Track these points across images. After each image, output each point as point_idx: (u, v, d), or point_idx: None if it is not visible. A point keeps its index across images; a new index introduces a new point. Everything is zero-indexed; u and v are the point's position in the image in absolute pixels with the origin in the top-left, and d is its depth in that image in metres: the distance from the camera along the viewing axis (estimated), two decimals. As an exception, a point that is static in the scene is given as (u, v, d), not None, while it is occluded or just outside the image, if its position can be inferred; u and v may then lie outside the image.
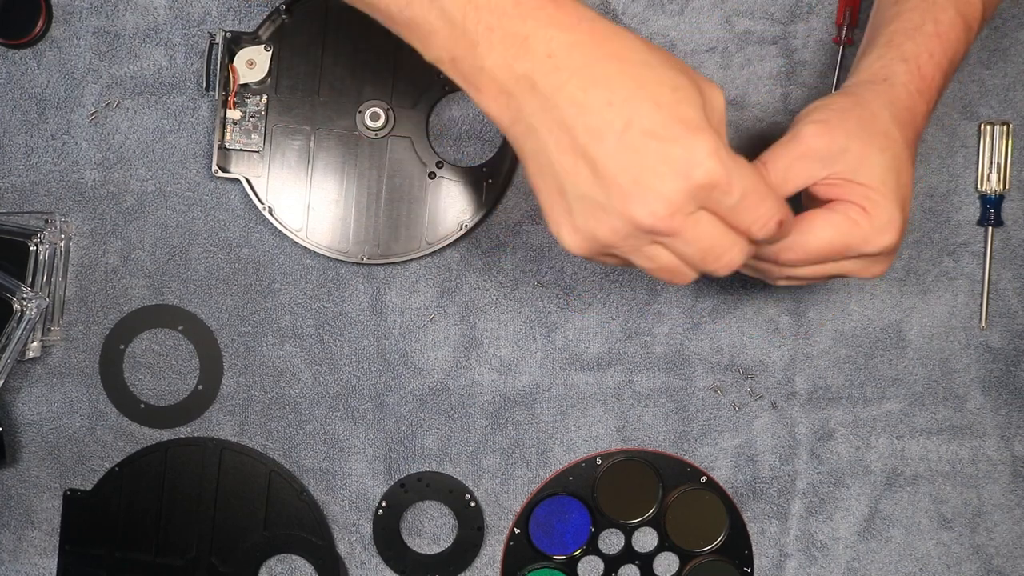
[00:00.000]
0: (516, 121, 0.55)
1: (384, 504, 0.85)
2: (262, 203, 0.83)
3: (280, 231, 0.83)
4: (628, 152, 0.52)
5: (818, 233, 0.63)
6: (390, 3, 0.56)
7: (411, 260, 0.84)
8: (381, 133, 0.83)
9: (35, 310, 0.80)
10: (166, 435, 0.85)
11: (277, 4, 0.82)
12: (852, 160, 0.63)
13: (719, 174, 0.53)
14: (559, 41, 0.53)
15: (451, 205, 0.83)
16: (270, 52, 0.82)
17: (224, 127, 0.82)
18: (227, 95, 0.82)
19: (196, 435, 0.85)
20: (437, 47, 0.56)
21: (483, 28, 0.53)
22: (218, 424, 0.85)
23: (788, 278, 0.68)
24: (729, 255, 0.57)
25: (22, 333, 0.80)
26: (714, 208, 0.55)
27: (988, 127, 0.85)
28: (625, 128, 0.52)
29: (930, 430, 0.86)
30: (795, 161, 0.63)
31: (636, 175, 0.53)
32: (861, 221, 0.63)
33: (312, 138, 0.83)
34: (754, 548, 0.86)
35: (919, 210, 0.85)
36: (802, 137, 0.63)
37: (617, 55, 0.53)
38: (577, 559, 0.86)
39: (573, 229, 0.56)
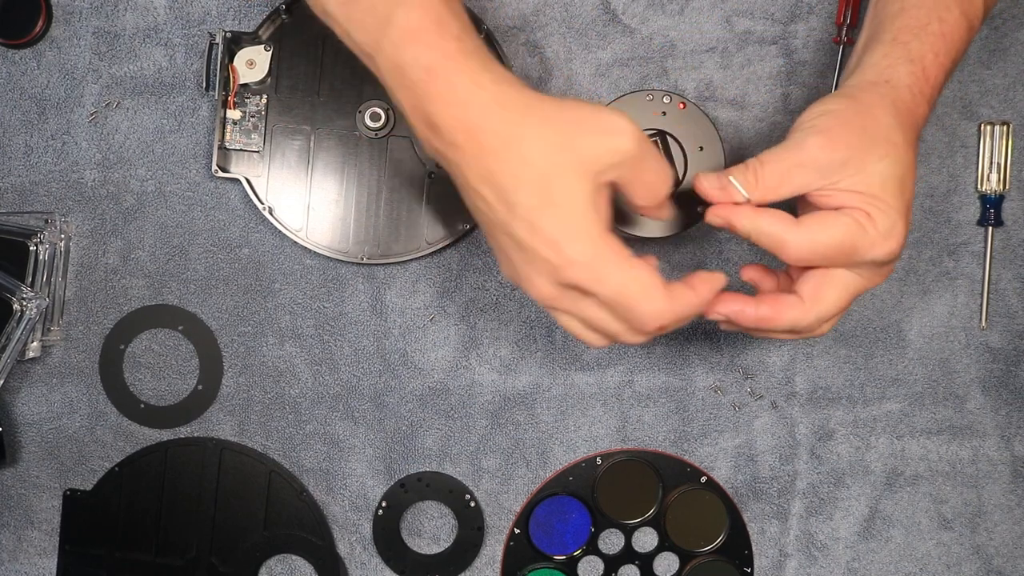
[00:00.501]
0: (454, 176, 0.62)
1: (384, 504, 0.85)
2: (262, 203, 0.83)
3: (280, 231, 0.83)
4: (518, 248, 0.60)
5: (828, 231, 0.63)
6: (357, 50, 0.63)
7: (411, 260, 0.84)
8: (381, 133, 0.83)
9: (35, 310, 0.80)
10: (166, 435, 0.85)
11: (277, 4, 0.82)
12: (852, 170, 0.63)
13: (586, 280, 0.59)
14: (463, 135, 0.58)
15: (451, 205, 0.83)
16: (270, 52, 0.82)
17: (224, 127, 0.82)
18: (227, 95, 0.82)
19: (196, 435, 0.85)
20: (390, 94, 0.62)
21: (407, 106, 0.60)
22: (218, 424, 0.85)
23: (813, 325, 0.68)
24: (626, 333, 0.63)
25: (22, 333, 0.80)
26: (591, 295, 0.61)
27: (988, 127, 0.85)
28: (520, 230, 0.59)
29: (930, 430, 0.86)
30: (793, 168, 0.64)
31: (525, 265, 0.60)
32: (867, 226, 0.63)
33: (312, 138, 0.83)
34: (754, 548, 0.86)
35: (919, 210, 0.85)
36: (804, 147, 0.64)
37: (521, 157, 0.58)
38: (577, 559, 0.86)
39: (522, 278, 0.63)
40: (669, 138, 0.78)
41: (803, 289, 0.66)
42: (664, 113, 0.78)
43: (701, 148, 0.79)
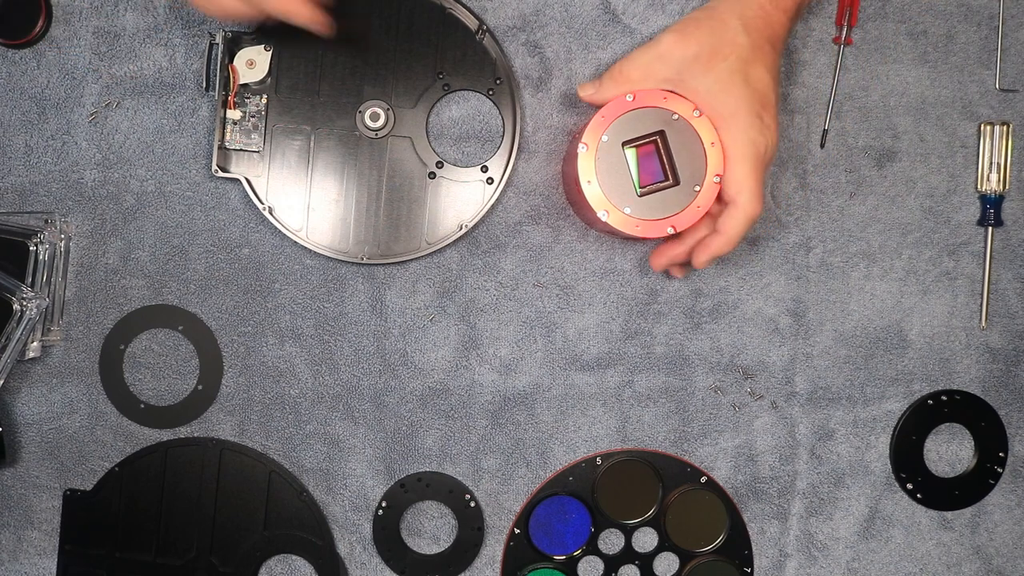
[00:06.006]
0: None
1: (384, 504, 0.85)
2: (262, 203, 0.83)
3: (280, 231, 0.83)
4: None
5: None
6: None
7: (411, 260, 0.84)
8: (381, 133, 0.83)
9: (35, 310, 0.80)
10: (166, 435, 0.85)
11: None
12: (701, 68, 0.74)
13: None
14: None
15: (451, 205, 0.83)
16: (270, 52, 0.82)
17: (224, 127, 0.82)
18: (227, 95, 0.82)
19: (196, 435, 0.85)
20: None
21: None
22: (218, 424, 0.85)
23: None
24: None
25: (22, 333, 0.80)
26: None
27: (988, 127, 0.85)
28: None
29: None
30: (652, 62, 0.75)
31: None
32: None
33: (312, 138, 0.83)
34: (754, 548, 0.86)
35: (919, 210, 0.86)
36: (661, 43, 0.75)
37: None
38: (577, 559, 0.86)
39: None
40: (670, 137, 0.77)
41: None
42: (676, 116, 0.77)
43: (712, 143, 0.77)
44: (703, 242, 0.76)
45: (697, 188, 0.76)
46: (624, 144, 0.76)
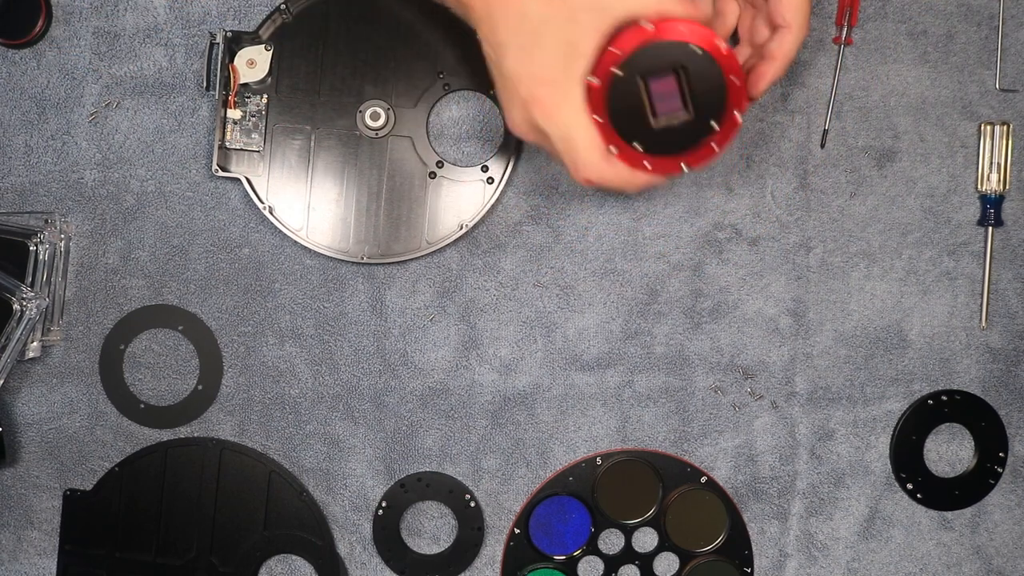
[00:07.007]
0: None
1: (384, 504, 0.85)
2: (262, 203, 0.83)
3: (280, 231, 0.83)
4: (503, 85, 0.70)
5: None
6: None
7: (411, 260, 0.84)
8: (381, 133, 0.83)
9: (35, 310, 0.80)
10: (166, 435, 0.85)
11: (278, 3, 0.82)
12: None
13: (543, 117, 0.68)
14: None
15: (451, 205, 0.83)
16: (271, 52, 0.82)
17: (224, 126, 0.82)
18: (227, 94, 0.82)
19: (196, 435, 0.85)
20: None
21: None
22: (218, 424, 0.85)
23: None
24: (570, 172, 0.71)
25: (22, 333, 0.80)
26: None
27: (988, 127, 0.85)
28: (506, 68, 0.68)
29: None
30: None
31: (507, 100, 0.70)
32: None
33: (312, 138, 0.83)
34: (754, 548, 0.86)
35: (919, 210, 0.86)
36: None
37: (521, 12, 0.67)
38: (577, 559, 0.86)
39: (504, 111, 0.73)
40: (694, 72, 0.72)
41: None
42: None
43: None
44: (757, 72, 0.74)
45: (715, 124, 0.69)
46: (641, 75, 0.68)
